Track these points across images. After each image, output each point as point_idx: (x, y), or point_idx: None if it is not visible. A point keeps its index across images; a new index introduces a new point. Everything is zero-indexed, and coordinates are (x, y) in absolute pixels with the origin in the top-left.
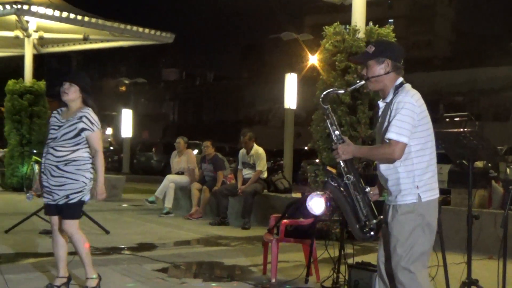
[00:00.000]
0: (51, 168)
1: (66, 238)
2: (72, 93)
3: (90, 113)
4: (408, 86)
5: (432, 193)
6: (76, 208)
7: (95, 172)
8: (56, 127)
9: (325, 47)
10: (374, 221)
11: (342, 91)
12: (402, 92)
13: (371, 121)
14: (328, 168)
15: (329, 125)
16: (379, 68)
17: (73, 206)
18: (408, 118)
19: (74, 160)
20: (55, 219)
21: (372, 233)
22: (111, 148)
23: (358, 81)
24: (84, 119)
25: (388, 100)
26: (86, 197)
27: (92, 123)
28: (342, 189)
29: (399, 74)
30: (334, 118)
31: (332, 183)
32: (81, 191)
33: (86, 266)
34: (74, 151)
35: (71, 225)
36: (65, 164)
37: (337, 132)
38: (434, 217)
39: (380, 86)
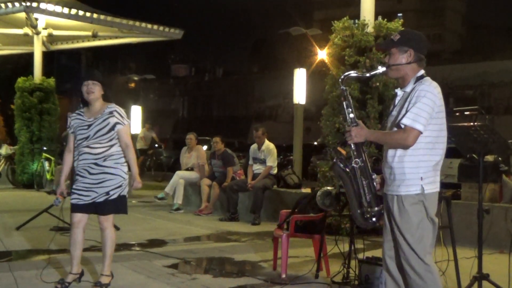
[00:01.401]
0: (88, 166)
1: (84, 237)
2: (97, 92)
3: (119, 107)
4: (429, 78)
5: (433, 186)
6: (115, 202)
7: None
8: (86, 127)
9: (334, 42)
10: (376, 208)
11: (364, 74)
12: (425, 82)
13: (380, 115)
14: (339, 148)
15: (345, 106)
16: (401, 57)
17: (112, 202)
18: (428, 107)
19: (112, 155)
20: (79, 217)
21: (373, 219)
22: (156, 145)
23: (379, 67)
24: (115, 113)
25: (408, 89)
26: (125, 191)
27: (122, 117)
28: (348, 170)
29: (421, 65)
30: (351, 100)
31: (340, 165)
32: (120, 186)
33: (106, 262)
34: (111, 146)
35: (108, 219)
36: (104, 160)
37: (351, 115)
38: (434, 211)
39: (400, 74)
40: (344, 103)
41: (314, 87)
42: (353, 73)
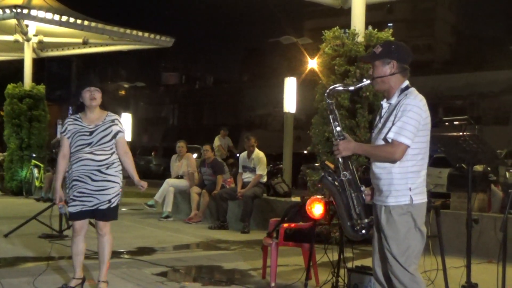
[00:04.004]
0: (91, 173)
1: (85, 243)
2: (99, 98)
3: (118, 117)
4: (414, 90)
5: (422, 197)
6: (115, 210)
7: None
8: (88, 133)
9: (324, 51)
10: (366, 220)
11: (347, 89)
12: (410, 95)
13: (370, 124)
14: (327, 162)
15: (331, 120)
16: (385, 69)
17: (114, 209)
18: (414, 121)
19: (113, 163)
20: (80, 224)
21: (363, 231)
22: (238, 155)
23: (364, 80)
24: (117, 122)
25: (393, 101)
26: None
27: (122, 125)
28: (337, 184)
29: (405, 76)
30: (338, 114)
31: (329, 178)
32: (118, 194)
33: (104, 268)
34: (112, 154)
35: (108, 224)
36: (107, 168)
37: (338, 129)
38: (423, 221)
39: (385, 86)
40: (330, 116)
41: (305, 96)
42: (338, 87)
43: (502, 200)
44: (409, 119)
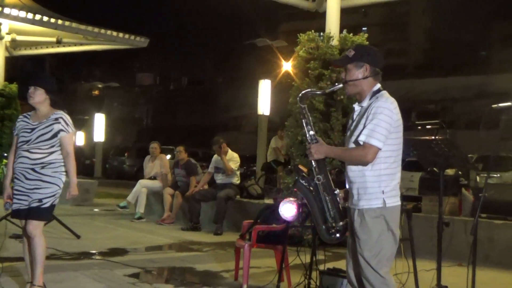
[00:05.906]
0: (25, 171)
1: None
2: (37, 96)
3: (65, 115)
4: (386, 93)
5: (395, 200)
6: (46, 211)
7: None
8: (29, 130)
9: (299, 54)
10: (341, 223)
11: (320, 92)
12: (381, 98)
13: (344, 128)
14: (300, 166)
15: (304, 124)
16: (357, 72)
17: (44, 210)
18: (385, 124)
19: (51, 163)
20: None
21: (337, 235)
22: (283, 161)
23: (336, 84)
24: (60, 120)
25: (364, 104)
26: (57, 201)
27: (67, 125)
28: (311, 188)
29: (377, 79)
30: (310, 118)
31: (302, 182)
32: (54, 195)
33: (37, 271)
34: (50, 153)
35: (37, 226)
36: (42, 167)
37: (311, 132)
38: (396, 224)
39: (357, 90)
40: (303, 120)
41: (279, 98)
42: (311, 92)
43: (472, 204)
44: (380, 121)
